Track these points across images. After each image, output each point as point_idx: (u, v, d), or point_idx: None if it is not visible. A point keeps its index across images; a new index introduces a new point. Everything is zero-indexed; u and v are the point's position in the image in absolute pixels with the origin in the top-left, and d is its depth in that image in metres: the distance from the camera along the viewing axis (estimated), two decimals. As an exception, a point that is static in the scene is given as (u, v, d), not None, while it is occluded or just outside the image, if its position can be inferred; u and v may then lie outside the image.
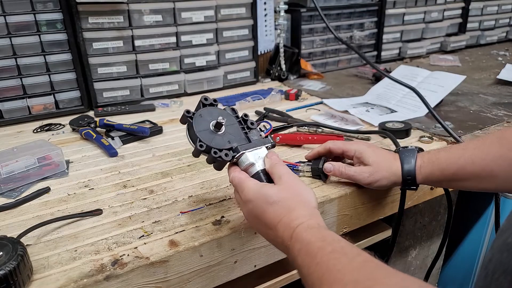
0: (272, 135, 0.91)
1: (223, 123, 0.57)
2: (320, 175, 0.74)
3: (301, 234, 0.47)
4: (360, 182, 0.69)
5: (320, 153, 0.75)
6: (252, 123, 0.61)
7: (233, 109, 0.63)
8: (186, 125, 0.58)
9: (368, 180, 0.67)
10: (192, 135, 0.57)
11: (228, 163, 0.58)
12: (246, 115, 0.62)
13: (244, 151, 0.56)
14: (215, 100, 0.61)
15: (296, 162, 0.78)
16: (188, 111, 0.58)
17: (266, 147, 0.58)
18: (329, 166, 0.71)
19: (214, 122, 0.58)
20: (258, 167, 0.56)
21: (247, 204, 0.53)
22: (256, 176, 0.56)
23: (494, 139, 0.62)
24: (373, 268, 0.40)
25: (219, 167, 0.59)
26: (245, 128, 0.61)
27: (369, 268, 0.40)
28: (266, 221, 0.51)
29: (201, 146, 0.55)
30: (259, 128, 0.65)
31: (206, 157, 0.57)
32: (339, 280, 0.39)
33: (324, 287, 0.40)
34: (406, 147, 0.70)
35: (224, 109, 0.62)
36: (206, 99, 0.60)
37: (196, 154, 0.57)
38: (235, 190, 0.57)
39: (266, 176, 0.56)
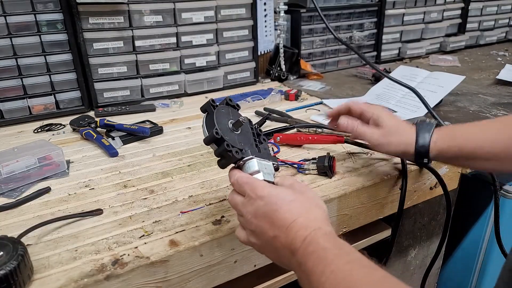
0: (272, 136, 0.91)
1: (243, 123, 0.57)
2: (326, 172, 0.75)
3: (317, 238, 0.44)
4: (369, 141, 0.70)
5: (341, 111, 0.75)
6: (264, 139, 0.62)
7: (250, 121, 0.63)
8: (205, 113, 0.58)
9: (377, 141, 0.68)
10: (210, 123, 0.56)
11: (231, 166, 0.58)
12: (261, 130, 0.63)
13: (253, 157, 0.56)
14: (237, 105, 0.62)
15: (299, 161, 0.79)
16: (213, 100, 0.58)
17: (273, 164, 0.58)
18: (343, 121, 0.72)
19: (233, 121, 0.58)
20: (263, 176, 0.55)
21: (257, 201, 0.50)
22: None
23: None
24: (392, 285, 0.38)
25: (224, 165, 0.57)
26: (257, 141, 0.61)
27: (388, 284, 0.39)
28: (277, 219, 0.47)
29: (216, 133, 0.54)
30: None
31: (215, 149, 0.56)
32: None
33: None
34: (425, 120, 0.69)
35: (244, 117, 0.61)
36: (230, 100, 0.61)
37: (208, 141, 0.55)
38: (234, 191, 0.55)
39: None
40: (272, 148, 0.87)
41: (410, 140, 0.66)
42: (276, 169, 0.59)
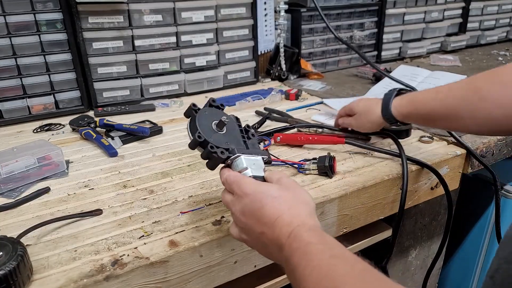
0: (272, 136, 0.91)
1: (226, 123, 0.58)
2: (326, 172, 0.75)
3: (300, 233, 0.45)
4: (352, 128, 0.87)
5: (339, 120, 0.92)
6: (253, 135, 0.62)
7: (237, 118, 0.63)
8: (189, 118, 0.59)
9: (355, 125, 0.85)
10: (193, 128, 0.57)
11: (222, 165, 0.58)
12: (248, 126, 0.63)
13: (240, 154, 0.56)
14: (222, 105, 0.63)
15: (300, 161, 0.78)
16: (194, 105, 0.59)
17: (262, 158, 0.58)
18: (338, 122, 0.91)
19: (216, 121, 0.58)
20: (251, 172, 0.55)
21: (243, 199, 0.51)
22: None
23: (464, 84, 0.67)
24: (373, 278, 0.39)
25: (212, 166, 0.58)
26: (245, 137, 0.61)
27: (369, 277, 0.39)
28: (263, 216, 0.48)
29: (199, 137, 0.55)
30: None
31: (201, 152, 0.56)
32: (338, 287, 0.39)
33: None
34: (390, 90, 0.79)
35: (229, 115, 0.62)
36: (214, 100, 0.62)
37: (192, 145, 0.56)
38: (225, 190, 0.55)
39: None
40: (263, 142, 0.88)
41: (378, 114, 0.78)
42: (267, 162, 0.59)
